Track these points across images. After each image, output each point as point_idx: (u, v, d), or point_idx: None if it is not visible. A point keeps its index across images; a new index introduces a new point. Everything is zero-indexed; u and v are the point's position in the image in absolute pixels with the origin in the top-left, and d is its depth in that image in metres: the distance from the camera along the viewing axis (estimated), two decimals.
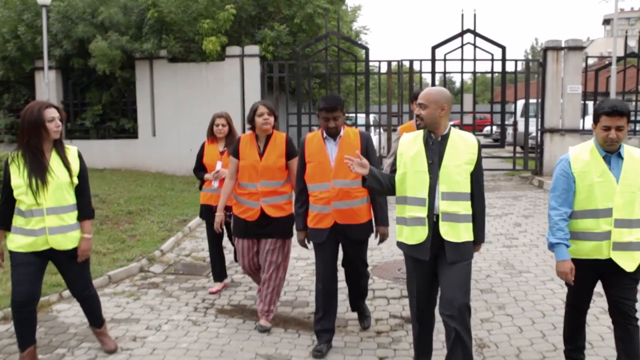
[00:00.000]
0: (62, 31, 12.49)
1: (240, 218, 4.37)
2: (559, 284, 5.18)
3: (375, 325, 4.42)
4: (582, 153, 3.20)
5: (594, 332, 4.06)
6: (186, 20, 12.19)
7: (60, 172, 3.49)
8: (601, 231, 3.10)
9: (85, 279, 3.75)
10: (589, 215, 3.13)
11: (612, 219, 3.08)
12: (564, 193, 3.17)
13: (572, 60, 12.36)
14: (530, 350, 3.84)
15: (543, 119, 12.55)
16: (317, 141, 3.95)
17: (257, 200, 4.27)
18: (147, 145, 12.99)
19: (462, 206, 3.16)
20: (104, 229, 7.30)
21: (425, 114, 3.19)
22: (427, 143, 3.22)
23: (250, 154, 4.30)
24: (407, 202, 3.23)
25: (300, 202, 4.00)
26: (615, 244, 3.08)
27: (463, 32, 12.34)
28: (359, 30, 19.01)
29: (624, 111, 3.04)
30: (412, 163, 3.22)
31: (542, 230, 7.41)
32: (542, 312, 4.51)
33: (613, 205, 3.07)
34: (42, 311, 4.62)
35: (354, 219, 3.87)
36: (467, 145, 3.21)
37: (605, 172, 3.10)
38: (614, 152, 3.13)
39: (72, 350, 3.93)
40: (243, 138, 4.42)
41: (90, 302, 3.78)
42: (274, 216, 4.25)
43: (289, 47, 12.84)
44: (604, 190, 3.09)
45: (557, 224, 3.16)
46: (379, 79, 13.16)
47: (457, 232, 3.14)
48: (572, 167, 3.17)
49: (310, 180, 3.93)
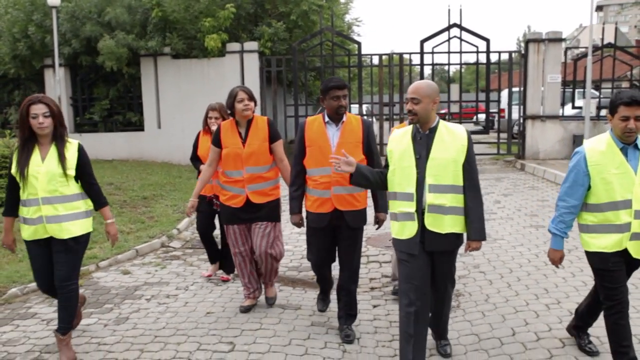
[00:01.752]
0: (71, 30, 13.19)
1: (227, 205, 4.34)
2: (527, 247, 6.02)
3: (369, 283, 5.24)
4: (598, 145, 3.14)
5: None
6: (188, 18, 12.90)
7: (52, 164, 3.52)
8: (621, 223, 3.06)
9: (74, 271, 3.71)
10: (609, 207, 3.08)
11: (632, 210, 3.04)
12: (574, 186, 3.15)
13: (552, 51, 13.16)
14: (497, 296, 4.67)
15: (525, 107, 13.37)
16: (317, 125, 3.89)
17: (242, 187, 4.22)
18: (153, 137, 13.73)
19: (449, 198, 3.15)
20: (125, 211, 8.09)
21: (419, 109, 3.15)
22: (415, 138, 3.23)
23: (232, 141, 4.23)
24: (396, 198, 3.26)
25: (297, 186, 3.97)
26: (633, 234, 3.06)
27: (450, 27, 13.12)
28: (351, 22, 19.65)
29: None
30: (400, 159, 3.23)
31: (518, 206, 8.24)
32: (509, 269, 5.34)
33: (632, 196, 3.03)
34: (84, 278, 5.42)
35: (352, 205, 3.85)
36: (456, 137, 3.18)
37: (623, 163, 3.06)
38: (631, 144, 3.09)
39: (118, 305, 4.72)
40: (223, 126, 4.33)
41: (69, 297, 3.68)
42: (260, 202, 4.24)
43: (286, 43, 13.60)
44: (622, 182, 3.04)
45: (562, 216, 3.21)
46: (371, 71, 13.94)
47: (441, 223, 3.15)
48: (587, 160, 3.12)
49: (310, 165, 3.89)
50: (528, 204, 8.38)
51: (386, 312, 4.51)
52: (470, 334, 4.00)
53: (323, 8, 13.82)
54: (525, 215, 7.65)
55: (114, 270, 5.72)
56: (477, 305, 4.52)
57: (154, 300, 4.80)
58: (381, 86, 13.53)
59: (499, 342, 3.81)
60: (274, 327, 4.14)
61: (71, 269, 3.66)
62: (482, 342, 3.87)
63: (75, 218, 3.61)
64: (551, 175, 10.83)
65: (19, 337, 4.04)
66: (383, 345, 3.86)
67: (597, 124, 13.29)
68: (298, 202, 3.99)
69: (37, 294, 4.97)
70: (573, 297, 4.50)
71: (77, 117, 14.43)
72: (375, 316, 4.42)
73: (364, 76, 14.27)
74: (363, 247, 6.28)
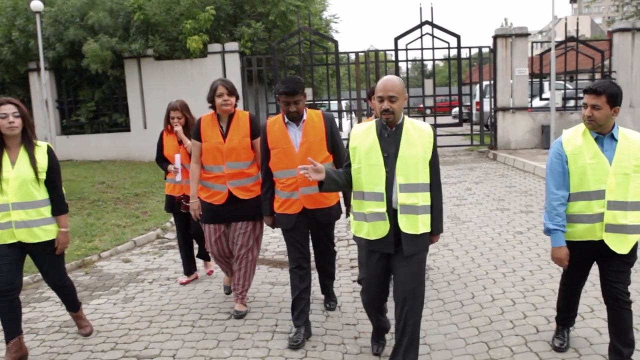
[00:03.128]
0: (54, 35, 13.54)
1: (207, 202, 4.20)
2: (492, 227, 6.65)
3: (349, 262, 5.81)
4: (574, 135, 3.17)
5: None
6: (170, 21, 13.36)
7: (24, 168, 3.46)
8: (594, 213, 3.06)
9: (59, 271, 3.77)
10: (582, 197, 3.08)
11: (605, 201, 3.03)
12: (559, 175, 3.14)
13: (519, 46, 13.87)
14: (462, 269, 5.28)
15: (496, 99, 14.08)
16: (278, 127, 3.80)
17: (224, 184, 4.11)
18: (139, 137, 14.14)
19: (421, 197, 3.09)
20: (119, 207, 8.56)
21: (396, 107, 3.05)
22: (381, 135, 3.12)
23: (212, 135, 4.10)
24: (364, 198, 3.15)
25: (267, 187, 3.92)
26: (608, 225, 3.05)
27: (422, 24, 13.75)
28: (329, 19, 20.19)
29: (599, 90, 3.01)
30: (366, 157, 3.11)
31: (487, 192, 8.90)
32: (474, 246, 5.95)
33: (606, 187, 3.02)
34: (89, 267, 5.92)
35: (322, 203, 3.81)
36: (422, 134, 3.12)
37: (598, 153, 3.05)
38: (605, 134, 3.09)
39: (124, 287, 5.23)
40: (204, 119, 4.19)
41: (65, 291, 3.87)
42: (243, 198, 4.11)
43: (265, 43, 14.12)
44: (596, 172, 3.03)
45: (556, 209, 3.14)
46: (349, 68, 14.52)
47: (415, 225, 3.08)
48: (564, 148, 3.14)
49: (275, 167, 3.82)
50: (496, 190, 9.03)
51: None
52: (437, 299, 4.60)
53: (300, 8, 14.36)
54: (493, 200, 8.29)
55: (115, 260, 6.21)
56: (444, 277, 5.12)
57: (156, 283, 5.31)
58: (358, 82, 14.12)
59: (460, 304, 4.42)
60: (266, 299, 4.69)
61: (59, 269, 3.78)
62: (446, 304, 4.48)
63: (48, 223, 3.58)
64: (520, 163, 11.54)
65: (38, 316, 4.53)
66: (361, 311, 4.43)
67: (564, 114, 14.06)
68: (269, 204, 3.92)
69: None
70: (527, 266, 5.13)
71: (64, 120, 14.77)
72: (354, 288, 4.99)
73: (342, 72, 14.83)
74: (344, 232, 6.90)
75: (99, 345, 3.86)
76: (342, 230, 6.95)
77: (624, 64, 13.62)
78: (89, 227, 7.44)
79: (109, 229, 7.38)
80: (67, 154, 14.07)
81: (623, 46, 13.66)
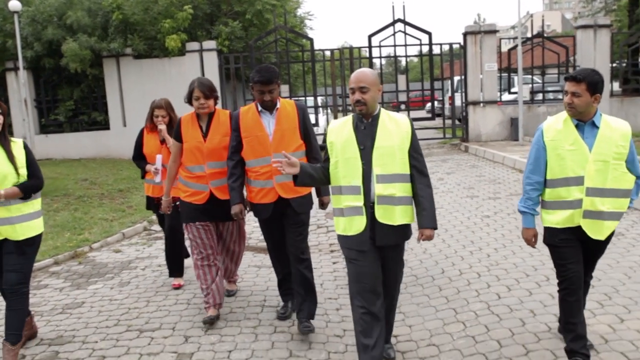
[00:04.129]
0: (32, 34, 13.63)
1: (188, 202, 4.15)
2: (461, 212, 7.12)
3: (329, 247, 6.21)
4: (555, 122, 3.19)
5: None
6: (148, 20, 13.57)
7: (3, 165, 3.43)
8: (573, 199, 3.08)
9: (25, 273, 3.61)
10: (562, 183, 3.11)
11: (584, 187, 3.05)
12: (536, 161, 3.19)
13: (488, 42, 14.43)
14: (434, 249, 5.72)
15: (467, 94, 14.64)
16: (252, 115, 3.81)
17: (205, 183, 4.08)
18: (119, 135, 14.31)
19: (399, 188, 3.05)
20: (105, 202, 8.82)
21: (368, 98, 3.04)
22: (357, 128, 3.10)
23: (193, 135, 4.08)
24: (342, 192, 3.12)
25: (235, 176, 3.87)
26: (586, 212, 3.07)
27: (394, 22, 14.22)
28: (303, 16, 20.58)
29: (579, 78, 3.03)
30: (342, 150, 3.09)
31: (458, 181, 9.40)
32: (445, 229, 6.40)
33: (585, 173, 3.04)
34: (81, 257, 6.20)
35: (297, 192, 3.80)
36: (399, 125, 3.11)
37: (577, 140, 3.07)
38: (586, 121, 3.10)
39: (118, 274, 5.54)
40: (184, 119, 4.17)
41: (19, 301, 3.57)
42: (223, 199, 4.05)
43: (243, 41, 14.44)
44: (575, 158, 3.06)
45: (528, 193, 3.22)
46: (324, 65, 14.92)
47: (392, 215, 3.04)
48: (544, 135, 3.16)
49: (248, 156, 3.83)
50: (467, 180, 9.54)
51: (343, 266, 5.50)
52: (410, 275, 5.03)
53: (276, 6, 14.71)
54: (464, 188, 8.79)
55: (106, 250, 6.51)
56: (417, 256, 5.56)
57: (149, 269, 5.64)
58: (334, 79, 14.53)
59: (432, 279, 4.86)
60: (254, 280, 5.07)
61: (25, 272, 3.59)
62: (419, 279, 4.92)
63: (29, 218, 3.55)
64: (490, 154, 12.09)
65: (40, 301, 4.82)
66: (342, 288, 4.83)
67: (531, 107, 14.70)
68: (238, 193, 3.88)
69: (44, 270, 5.75)
70: (492, 244, 5.61)
71: (42, 119, 14.86)
72: (335, 269, 5.40)
73: (318, 69, 15.24)
74: (323, 220, 7.30)
75: (102, 322, 4.20)
76: (321, 219, 7.34)
77: (587, 59, 14.29)
78: (77, 221, 7.70)
79: (96, 222, 7.65)
80: (46, 152, 14.17)
81: (586, 42, 14.33)
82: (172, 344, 3.78)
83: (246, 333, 3.91)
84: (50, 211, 8.17)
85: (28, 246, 3.55)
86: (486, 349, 3.52)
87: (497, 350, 3.49)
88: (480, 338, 3.68)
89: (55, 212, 8.23)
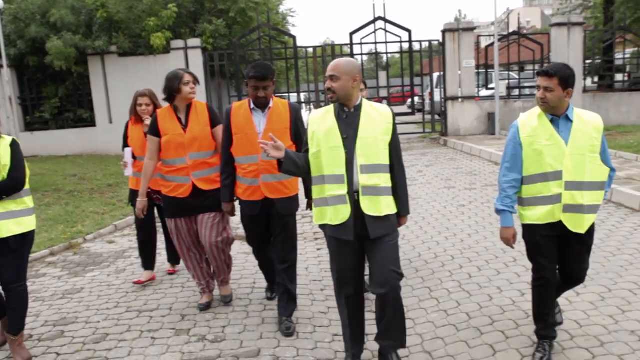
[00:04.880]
0: (15, 32, 13.77)
1: (171, 197, 4.10)
2: (439, 202, 7.52)
3: (313, 235, 6.56)
4: (530, 118, 3.19)
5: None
6: (132, 18, 13.78)
7: None
8: (552, 194, 3.08)
9: (19, 271, 3.53)
10: (540, 179, 3.11)
11: (563, 181, 3.06)
12: (512, 159, 3.17)
13: (466, 40, 14.89)
14: (411, 235, 6.10)
15: (445, 89, 15.08)
16: (243, 112, 3.81)
17: (187, 175, 4.03)
18: (105, 132, 14.50)
19: (382, 178, 3.06)
20: (95, 197, 9.06)
21: (337, 87, 3.03)
22: (339, 117, 3.10)
23: (172, 127, 4.02)
24: (325, 182, 3.09)
25: (227, 174, 3.89)
26: (566, 206, 3.08)
27: (375, 19, 14.59)
28: (285, 13, 20.89)
29: (551, 73, 3.05)
30: (325, 140, 3.07)
31: (437, 173, 9.82)
32: (423, 217, 6.79)
33: (563, 167, 3.05)
34: (76, 248, 6.47)
35: (282, 193, 3.82)
36: (382, 115, 3.12)
37: (553, 135, 3.07)
38: (560, 115, 3.11)
39: (114, 263, 5.82)
40: (160, 113, 4.10)
41: (18, 299, 3.55)
42: (207, 189, 4.04)
43: (227, 39, 14.72)
44: (553, 153, 3.06)
45: (505, 191, 3.20)
46: (307, 61, 15.25)
47: (378, 206, 3.04)
48: (520, 133, 3.16)
49: (237, 153, 3.82)
50: (445, 172, 9.96)
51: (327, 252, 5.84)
52: None
53: (259, 5, 15.00)
54: (441, 180, 9.20)
55: (100, 241, 6.78)
56: None
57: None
58: (316, 75, 14.86)
59: (409, 262, 5.23)
60: (243, 265, 5.40)
61: (19, 270, 3.53)
62: None
63: (21, 215, 3.47)
64: (468, 148, 12.54)
65: (40, 289, 5.10)
66: (326, 271, 5.18)
67: (508, 102, 15.19)
68: (229, 190, 3.91)
69: (40, 261, 6.01)
70: (466, 231, 6.01)
71: (27, 117, 14.97)
72: (319, 255, 5.75)
73: (301, 65, 15.56)
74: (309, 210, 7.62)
75: (103, 305, 4.50)
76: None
77: (561, 56, 14.80)
78: (70, 214, 7.94)
79: (88, 215, 7.90)
80: (31, 150, 14.30)
81: (560, 39, 14.84)
82: (170, 322, 4.10)
83: (238, 311, 4.24)
84: (42, 206, 8.39)
85: (21, 243, 3.47)
86: (456, 321, 3.90)
87: (466, 321, 3.87)
88: (451, 311, 4.06)
89: (47, 206, 8.46)
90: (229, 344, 3.71)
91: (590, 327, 3.58)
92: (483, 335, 3.63)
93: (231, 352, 3.60)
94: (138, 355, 3.62)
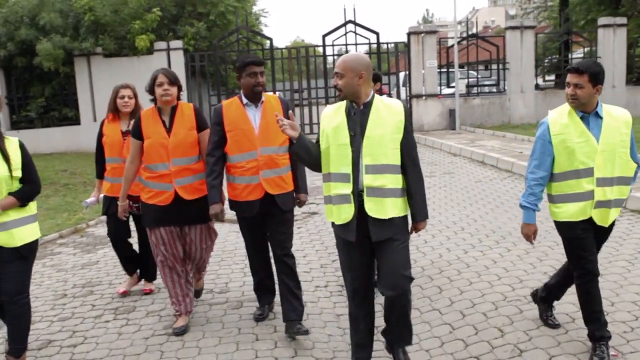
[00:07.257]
0: (6, 34, 14.40)
1: (150, 204, 3.88)
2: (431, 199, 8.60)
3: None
4: (560, 116, 3.17)
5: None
6: (118, 21, 14.56)
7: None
8: (584, 191, 3.08)
9: (23, 282, 3.34)
10: (572, 176, 3.10)
11: (594, 178, 3.06)
12: (541, 156, 3.16)
13: (429, 41, 16.06)
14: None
15: (410, 88, 16.23)
16: (236, 108, 3.70)
17: (169, 182, 3.83)
18: (89, 130, 15.14)
19: (390, 179, 2.92)
20: (90, 189, 9.86)
21: (342, 84, 2.94)
22: (349, 114, 2.99)
23: (155, 130, 3.83)
24: (331, 179, 3.00)
25: (216, 174, 3.71)
26: (597, 202, 3.09)
27: (346, 23, 15.64)
28: (258, 13, 21.73)
29: (581, 69, 3.03)
30: (334, 136, 2.98)
31: None
32: None
33: (594, 164, 3.05)
34: (82, 232, 7.36)
35: (283, 188, 3.73)
36: (393, 112, 2.96)
37: (584, 132, 3.07)
38: (590, 112, 3.10)
39: None
40: (144, 115, 3.92)
41: (20, 313, 3.32)
42: (189, 199, 3.84)
43: (207, 40, 15.64)
44: (584, 150, 3.05)
45: (532, 188, 3.20)
46: (282, 62, 16.23)
47: (383, 208, 2.89)
48: (550, 131, 3.14)
49: (233, 151, 3.69)
50: None
51: (326, 247, 6.86)
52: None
53: (238, 8, 15.94)
54: None
55: (102, 226, 7.65)
56: None
57: None
58: (291, 75, 15.87)
59: None
60: (235, 245, 6.37)
61: (23, 280, 3.34)
62: None
63: (26, 222, 3.33)
64: (430, 142, 13.74)
65: (60, 263, 6.01)
66: (325, 267, 6.17)
67: (467, 99, 16.43)
68: (217, 191, 3.73)
69: (52, 242, 6.89)
70: (459, 223, 6.69)
71: (13, 115, 15.60)
72: (314, 244, 6.75)
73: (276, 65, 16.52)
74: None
75: (120, 272, 5.42)
76: None
77: (515, 56, 16.10)
78: (69, 204, 8.80)
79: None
80: None
81: (514, 41, 16.13)
82: None
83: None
84: (42, 197, 9.19)
85: (27, 251, 3.32)
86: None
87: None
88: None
89: (47, 197, 9.28)
90: None
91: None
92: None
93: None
94: (161, 303, 4.56)
